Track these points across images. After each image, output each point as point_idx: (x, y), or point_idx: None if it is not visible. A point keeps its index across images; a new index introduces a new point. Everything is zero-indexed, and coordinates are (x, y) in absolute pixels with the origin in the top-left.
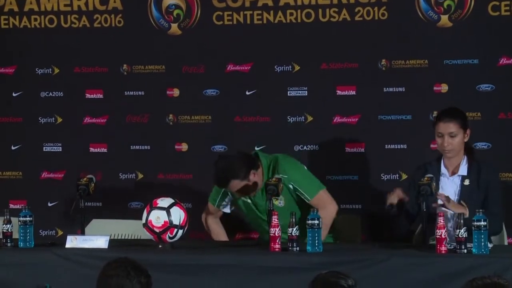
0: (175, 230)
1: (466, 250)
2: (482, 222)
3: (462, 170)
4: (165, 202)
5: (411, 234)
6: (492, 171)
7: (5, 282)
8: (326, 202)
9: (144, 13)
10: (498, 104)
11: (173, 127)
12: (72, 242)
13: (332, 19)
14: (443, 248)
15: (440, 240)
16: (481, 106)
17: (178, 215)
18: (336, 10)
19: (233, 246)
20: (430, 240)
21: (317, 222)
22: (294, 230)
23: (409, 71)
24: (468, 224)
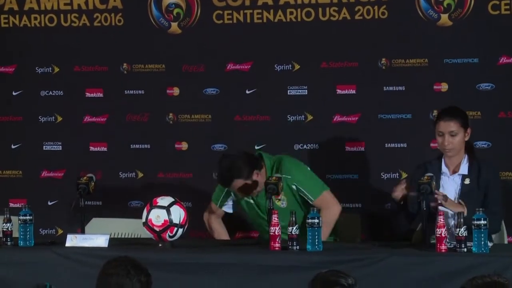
0: (175, 229)
1: (466, 249)
2: (482, 221)
3: (463, 169)
4: (165, 201)
5: (411, 232)
6: (492, 170)
7: (5, 281)
8: (330, 203)
9: (144, 12)
10: (498, 103)
11: (173, 126)
12: (72, 241)
13: (332, 18)
14: (443, 247)
15: (440, 239)
16: (481, 105)
17: (178, 214)
18: (336, 9)
19: (233, 245)
20: (431, 239)
21: (317, 221)
22: (294, 229)
23: (409, 70)
24: (468, 223)
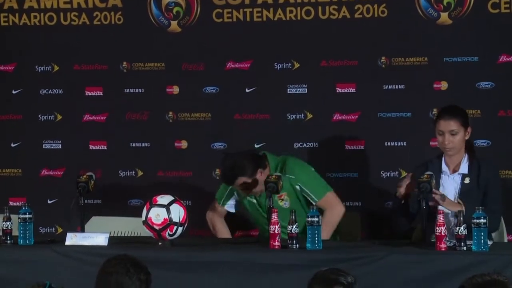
0: (175, 227)
1: (465, 248)
2: (482, 220)
3: (463, 168)
4: (164, 199)
5: (411, 231)
6: (491, 169)
7: (4, 280)
8: (333, 203)
9: (143, 10)
10: (497, 101)
11: (172, 125)
12: (72, 239)
13: (331, 17)
14: (443, 245)
15: (439, 237)
16: (480, 104)
17: (177, 212)
18: (335, 7)
19: (233, 244)
20: (431, 238)
21: (316, 219)
22: (294, 227)
23: (409, 69)
24: (467, 221)
